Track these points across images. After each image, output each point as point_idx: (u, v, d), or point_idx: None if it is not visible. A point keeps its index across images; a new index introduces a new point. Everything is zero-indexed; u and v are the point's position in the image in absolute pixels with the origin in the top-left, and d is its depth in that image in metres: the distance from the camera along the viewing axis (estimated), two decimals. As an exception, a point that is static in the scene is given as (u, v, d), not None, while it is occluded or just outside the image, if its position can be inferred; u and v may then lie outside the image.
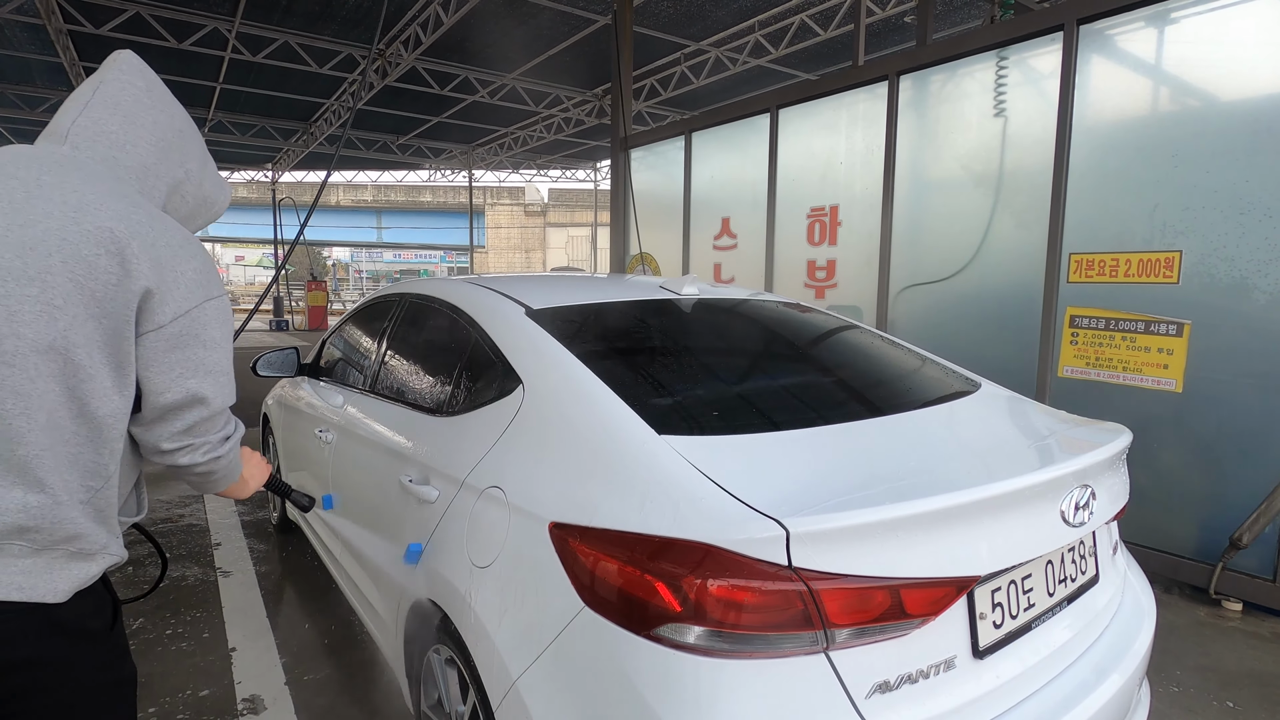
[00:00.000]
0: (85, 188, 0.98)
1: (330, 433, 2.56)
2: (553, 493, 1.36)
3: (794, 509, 1.09)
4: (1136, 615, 1.59)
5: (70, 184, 0.97)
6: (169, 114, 1.16)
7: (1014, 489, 1.20)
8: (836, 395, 1.76)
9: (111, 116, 1.09)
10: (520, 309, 1.87)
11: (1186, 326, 3.01)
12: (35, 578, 0.94)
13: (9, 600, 0.92)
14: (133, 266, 0.97)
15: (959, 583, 1.15)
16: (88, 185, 0.99)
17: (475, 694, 1.44)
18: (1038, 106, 3.54)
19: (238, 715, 2.20)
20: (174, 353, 1.02)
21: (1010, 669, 1.25)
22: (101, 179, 1.02)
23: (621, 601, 1.14)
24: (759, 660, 1.06)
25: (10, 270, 0.91)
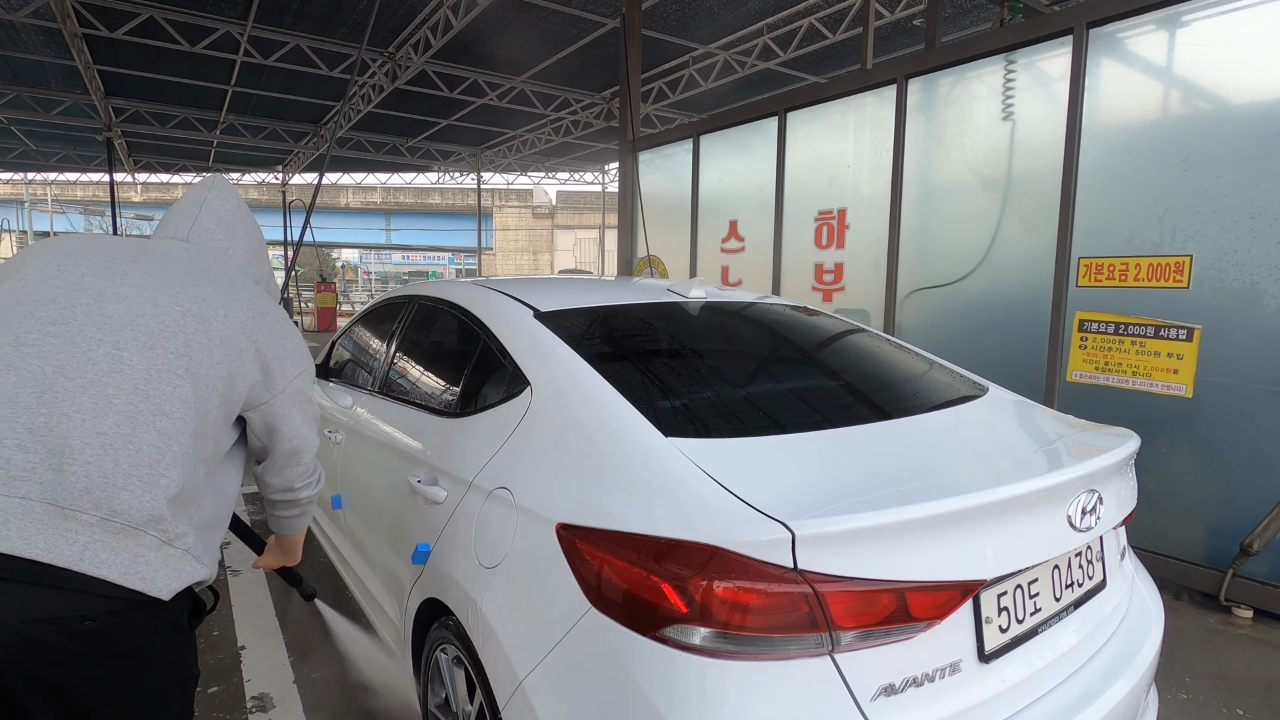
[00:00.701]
0: (226, 274, 1.35)
1: (339, 433, 2.58)
2: (560, 494, 1.37)
3: (799, 511, 1.10)
4: (1144, 621, 1.58)
5: (214, 270, 1.33)
6: (254, 229, 1.55)
7: (1020, 493, 1.20)
8: (843, 398, 1.76)
9: (218, 226, 1.47)
10: (528, 311, 1.88)
11: (1197, 331, 2.99)
12: (157, 572, 1.11)
13: (133, 589, 1.07)
14: (262, 347, 1.32)
15: (965, 586, 1.15)
16: (225, 273, 1.35)
17: (482, 694, 1.45)
18: (1047, 110, 3.53)
19: (247, 713, 2.22)
20: (296, 407, 1.38)
21: (1016, 673, 1.25)
22: (228, 270, 1.38)
23: (628, 602, 1.15)
24: (764, 662, 1.07)
25: (189, 323, 1.23)
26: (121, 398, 1.13)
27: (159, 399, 1.16)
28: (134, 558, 1.09)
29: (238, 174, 21.71)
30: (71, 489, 1.06)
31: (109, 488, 1.08)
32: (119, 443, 1.11)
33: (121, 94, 12.24)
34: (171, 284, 1.25)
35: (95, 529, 1.07)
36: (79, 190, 34.30)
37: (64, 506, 1.05)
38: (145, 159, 18.66)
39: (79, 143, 16.49)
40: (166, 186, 34.47)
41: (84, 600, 1.03)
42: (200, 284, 1.28)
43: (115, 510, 1.08)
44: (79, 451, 1.08)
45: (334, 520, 2.65)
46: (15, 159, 19.28)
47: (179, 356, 1.20)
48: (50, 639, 1.00)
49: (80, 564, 1.04)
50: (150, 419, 1.14)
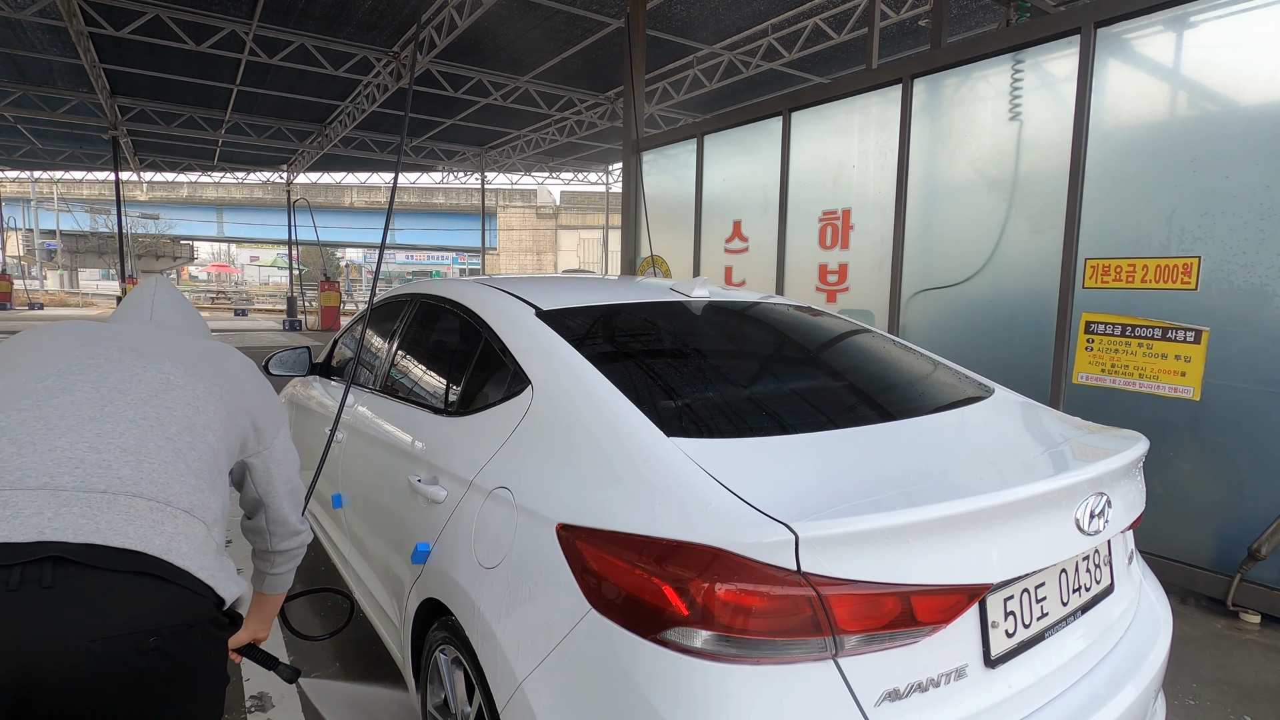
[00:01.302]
0: (204, 343, 1.45)
1: (340, 432, 2.57)
2: (560, 494, 1.35)
3: (803, 513, 1.08)
4: (1152, 626, 1.56)
5: (190, 341, 1.41)
6: (195, 313, 1.62)
7: (1027, 496, 1.19)
8: (847, 399, 1.74)
9: (173, 312, 1.54)
10: (530, 310, 1.86)
11: (1205, 333, 2.97)
12: (219, 574, 1.13)
13: (209, 585, 1.09)
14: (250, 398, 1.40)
15: (971, 590, 1.13)
16: (202, 342, 1.46)
17: (481, 695, 1.44)
18: (1053, 110, 3.50)
19: (246, 712, 2.21)
20: (288, 454, 1.48)
21: (1023, 679, 1.23)
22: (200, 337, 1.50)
23: (628, 604, 1.14)
24: (766, 666, 1.05)
25: (198, 381, 1.29)
26: (179, 410, 1.21)
27: (206, 415, 1.24)
28: (205, 555, 1.11)
29: (242, 173, 21.76)
30: (154, 482, 1.09)
31: (184, 485, 1.12)
32: (185, 449, 1.17)
33: (127, 93, 12.28)
34: (172, 339, 1.37)
35: (178, 521, 1.09)
36: (85, 189, 34.44)
37: (150, 499, 1.07)
38: (151, 158, 18.72)
39: (85, 141, 16.56)
40: (172, 185, 34.61)
41: (171, 594, 1.03)
42: (194, 342, 1.40)
43: (194, 505, 1.13)
44: (152, 453, 1.12)
45: (334, 519, 2.64)
46: (22, 157, 19.37)
47: (214, 384, 1.30)
48: (123, 658, 0.97)
49: (169, 554, 1.05)
50: (203, 432, 1.22)
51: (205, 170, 21.09)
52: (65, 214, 34.70)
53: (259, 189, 34.75)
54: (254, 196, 36.24)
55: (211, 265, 50.38)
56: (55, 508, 1.00)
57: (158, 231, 36.54)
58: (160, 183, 33.15)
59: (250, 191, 35.90)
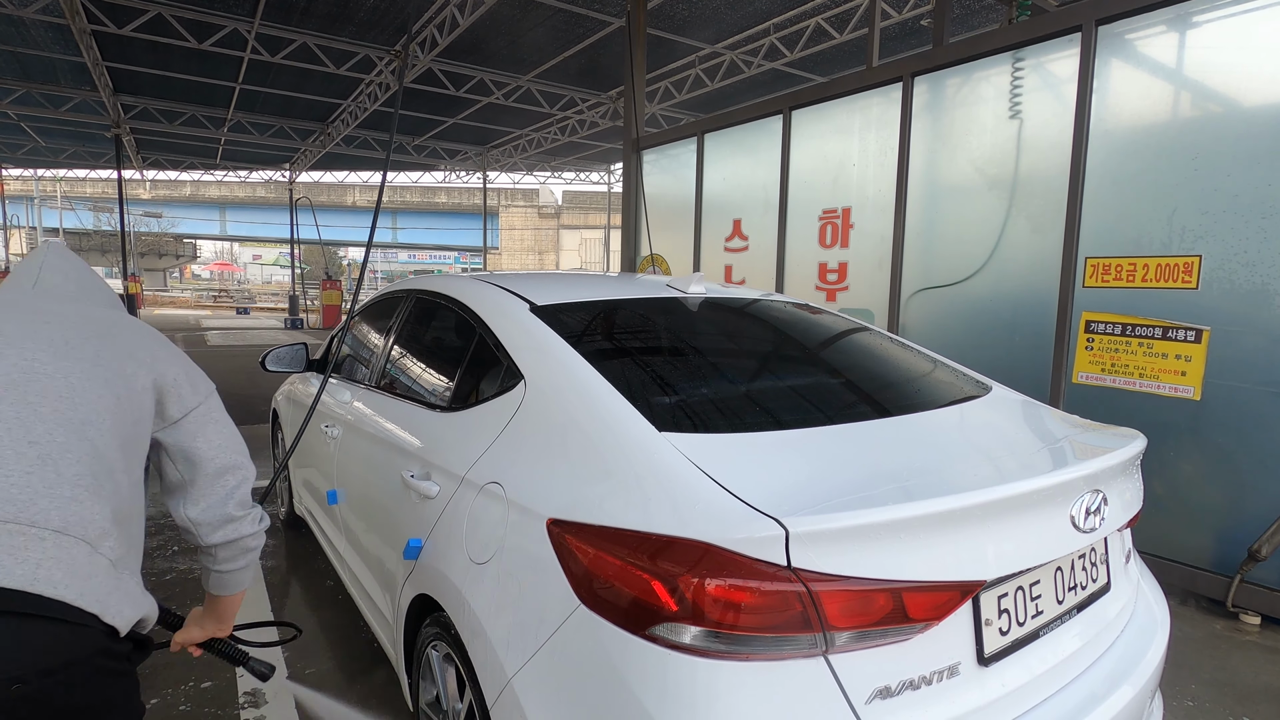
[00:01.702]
0: (98, 307, 1.25)
1: (336, 428, 2.56)
2: (551, 489, 1.34)
3: (794, 508, 1.07)
4: (1149, 625, 1.55)
5: (72, 310, 1.19)
6: (92, 274, 1.41)
7: (1022, 492, 1.17)
8: (842, 395, 1.73)
9: (64, 279, 1.30)
10: (524, 305, 1.85)
11: (1205, 333, 2.95)
12: (111, 596, 0.98)
13: (90, 613, 0.94)
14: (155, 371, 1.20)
15: (964, 587, 1.12)
16: (96, 306, 1.26)
17: (472, 692, 1.43)
18: (1054, 109, 3.49)
19: (239, 708, 2.20)
20: (211, 426, 1.24)
21: (1017, 677, 1.22)
22: (95, 305, 1.28)
23: (617, 600, 1.13)
24: (756, 662, 1.04)
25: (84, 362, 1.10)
26: (47, 404, 1.00)
27: (87, 406, 1.05)
28: (87, 578, 0.95)
29: (245, 171, 21.79)
30: (12, 500, 0.92)
31: (53, 500, 0.95)
32: (56, 453, 0.98)
33: (130, 91, 12.29)
34: (46, 309, 1.16)
35: (46, 545, 0.92)
36: (88, 187, 34.52)
37: (6, 521, 0.91)
38: (153, 156, 18.75)
39: (88, 139, 16.58)
40: (175, 184, 34.68)
41: (38, 632, 0.88)
42: (76, 311, 1.19)
43: (69, 523, 0.95)
44: (10, 462, 0.94)
45: (329, 515, 2.63)
46: (25, 155, 19.40)
47: (95, 363, 1.09)
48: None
49: (34, 584, 0.89)
50: (81, 428, 1.02)
51: (208, 169, 21.11)
52: (68, 212, 34.77)
53: (261, 188, 34.80)
54: (257, 195, 36.30)
55: (214, 264, 50.48)
56: None
57: (161, 230, 36.62)
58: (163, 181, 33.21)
59: (253, 190, 35.96)
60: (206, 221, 38.33)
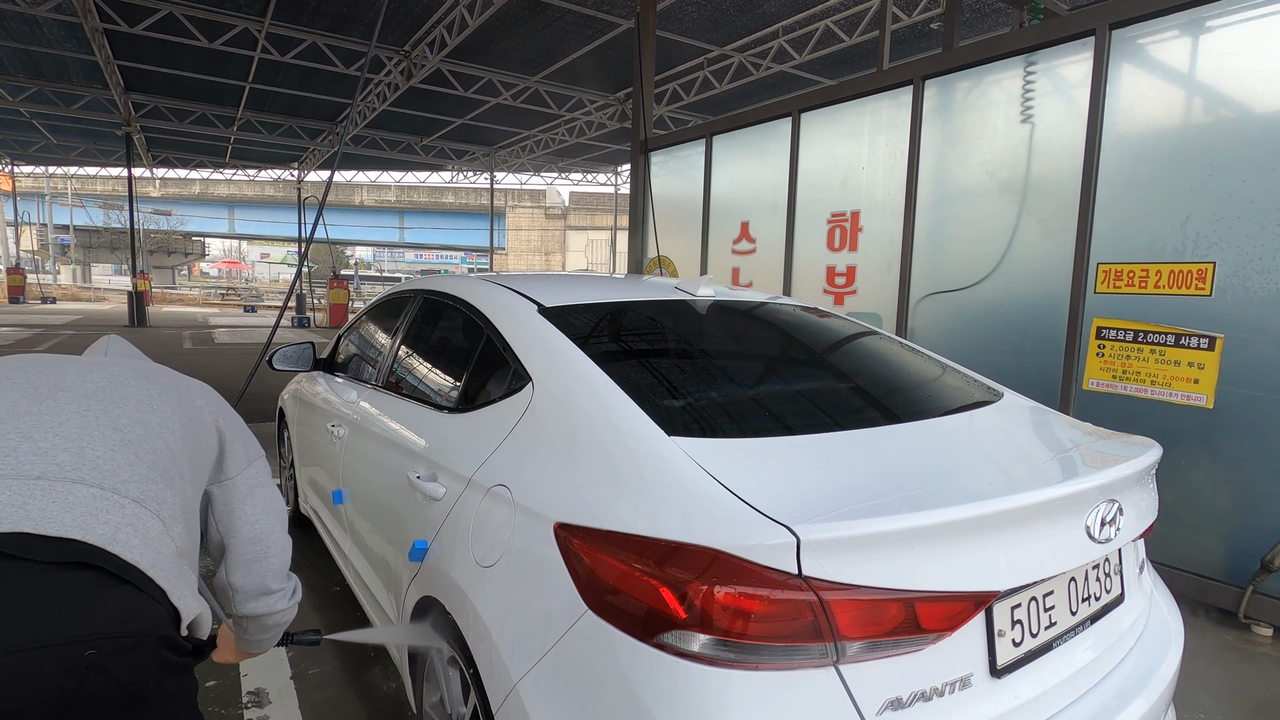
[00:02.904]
0: (161, 367, 1.36)
1: (342, 427, 2.56)
2: (558, 493, 1.33)
3: (805, 516, 1.05)
4: (1163, 637, 1.53)
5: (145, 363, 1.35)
6: (144, 356, 1.50)
7: (1037, 502, 1.16)
8: (853, 401, 1.71)
9: (126, 352, 1.45)
10: (532, 306, 1.84)
11: (1219, 340, 2.92)
12: (175, 581, 0.99)
13: (160, 586, 0.95)
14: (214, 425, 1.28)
15: (977, 598, 1.10)
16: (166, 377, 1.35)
17: (476, 696, 1.42)
18: (1066, 113, 3.46)
19: (243, 707, 2.20)
20: (258, 491, 1.30)
21: (1030, 690, 1.20)
22: None
23: (625, 606, 1.11)
24: (766, 672, 1.03)
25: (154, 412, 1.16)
26: (130, 405, 1.10)
27: (162, 414, 1.14)
28: (159, 553, 0.96)
29: (254, 170, 21.88)
30: (97, 468, 0.97)
31: (133, 474, 1.00)
32: (135, 440, 1.05)
33: (141, 89, 12.37)
34: (129, 361, 1.30)
35: (126, 510, 0.95)
36: (98, 184, 34.74)
37: (92, 485, 0.95)
38: (163, 154, 18.86)
39: (99, 137, 16.69)
40: (184, 182, 34.87)
41: (116, 594, 0.88)
42: (149, 363, 1.34)
43: (146, 496, 1.00)
44: (96, 440, 1.00)
45: (335, 515, 2.63)
46: (37, 153, 19.55)
47: (170, 389, 1.20)
48: (49, 675, 0.79)
49: (114, 544, 0.91)
50: (158, 429, 1.10)
51: (217, 167, 21.22)
52: (79, 209, 35.01)
53: (270, 186, 34.96)
54: (265, 194, 36.47)
55: (222, 262, 50.74)
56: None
57: (170, 228, 36.83)
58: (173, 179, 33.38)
59: (261, 189, 36.13)
60: (215, 219, 38.55)
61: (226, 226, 39.46)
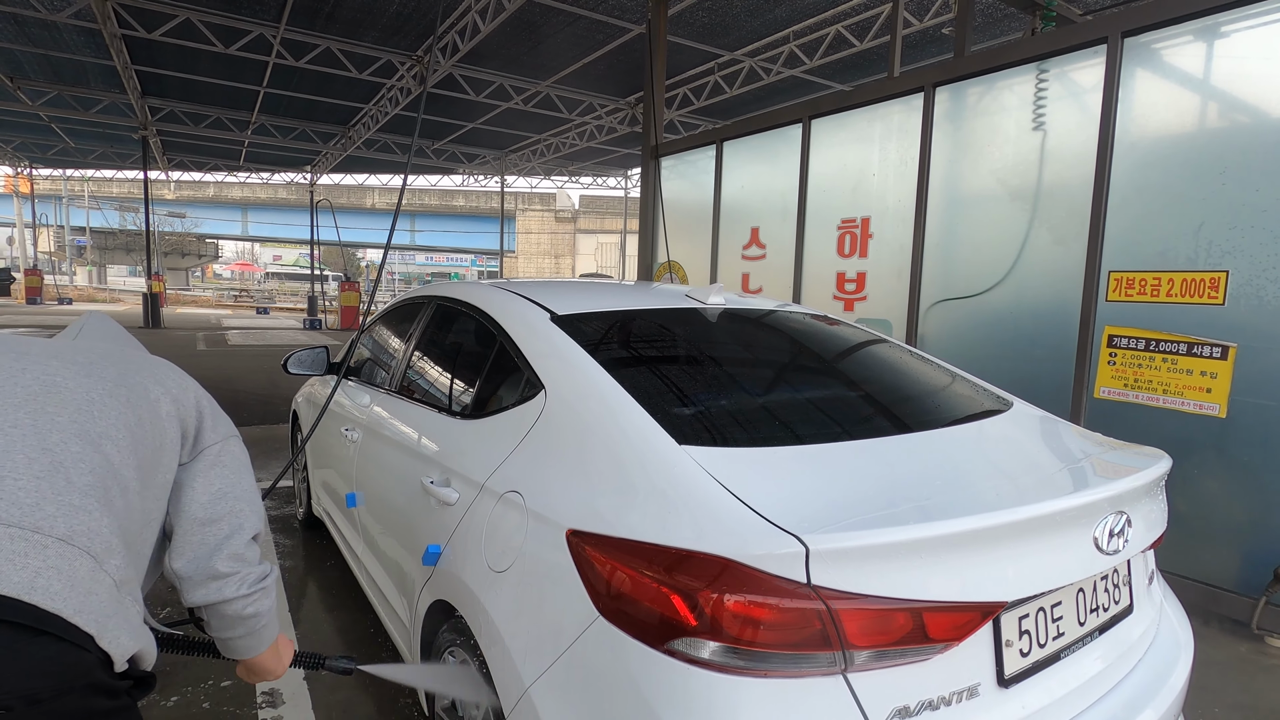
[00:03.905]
0: (117, 349, 1.25)
1: (356, 431, 2.59)
2: (571, 500, 1.35)
3: (815, 525, 1.07)
4: (1173, 648, 1.53)
5: (98, 346, 1.23)
6: (124, 332, 1.42)
7: (1045, 513, 1.16)
8: (863, 410, 1.73)
9: (101, 335, 1.35)
10: (545, 314, 1.87)
11: (1232, 349, 2.90)
12: (110, 620, 0.91)
13: (87, 632, 0.88)
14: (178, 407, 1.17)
15: (984, 608, 1.12)
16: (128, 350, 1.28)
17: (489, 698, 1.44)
18: (1078, 120, 3.46)
19: (257, 707, 2.23)
20: (215, 469, 1.17)
21: (1037, 700, 1.21)
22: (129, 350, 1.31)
23: (636, 613, 1.13)
24: (774, 680, 1.04)
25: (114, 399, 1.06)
26: (64, 415, 0.98)
27: (104, 422, 1.01)
28: (87, 594, 0.88)
29: (267, 173, 22.09)
30: (17, 503, 0.87)
31: (59, 507, 0.90)
32: (68, 461, 0.94)
33: (158, 94, 12.53)
34: (71, 344, 1.18)
35: (48, 552, 0.86)
36: (114, 187, 35.16)
37: (8, 524, 0.85)
38: (178, 157, 19.08)
39: (116, 141, 16.91)
40: (198, 185, 35.24)
41: (32, 648, 0.81)
42: (102, 346, 1.21)
43: (74, 532, 0.89)
44: (20, 466, 0.90)
45: (348, 518, 2.66)
46: (55, 155, 19.83)
47: (117, 385, 1.06)
48: None
49: (32, 593, 0.83)
50: (97, 441, 0.99)
51: (231, 170, 21.44)
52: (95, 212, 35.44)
53: (283, 189, 35.25)
54: (278, 197, 36.78)
55: (235, 264, 51.21)
56: None
57: (184, 230, 37.22)
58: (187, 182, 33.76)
59: (274, 192, 36.45)
60: (228, 222, 38.93)
61: (240, 229, 39.85)
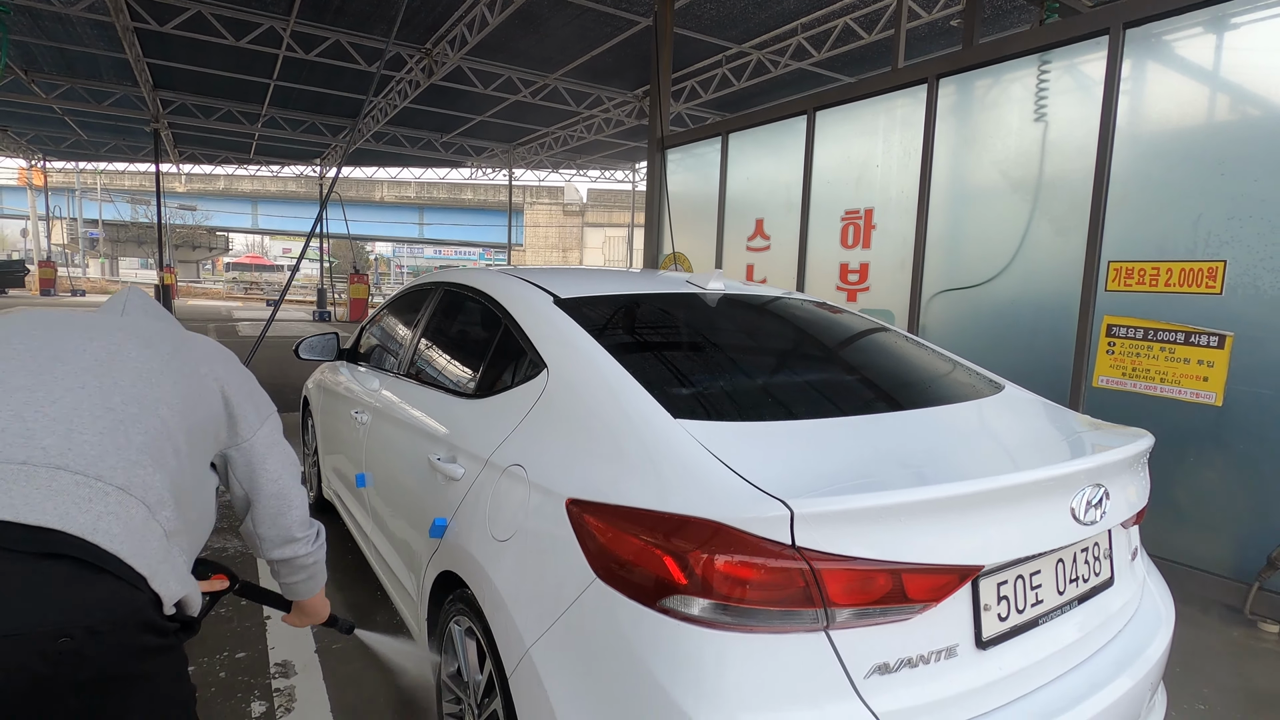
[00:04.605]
0: (172, 328, 1.38)
1: (365, 414, 2.66)
2: (571, 471, 1.41)
3: (799, 491, 1.12)
4: (1154, 621, 1.58)
5: (154, 324, 1.35)
6: (165, 311, 1.51)
7: (1021, 483, 1.22)
8: (853, 389, 1.78)
9: (144, 312, 1.41)
10: (548, 298, 1.93)
11: (1229, 339, 2.93)
12: (160, 565, 1.00)
13: (140, 573, 0.96)
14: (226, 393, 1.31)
15: (962, 571, 1.17)
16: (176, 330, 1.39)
17: (491, 662, 1.50)
18: (1080, 112, 3.48)
19: (270, 677, 2.31)
20: (274, 451, 1.36)
21: (1014, 662, 1.26)
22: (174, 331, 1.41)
23: (630, 574, 1.19)
24: (760, 635, 1.10)
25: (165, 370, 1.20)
26: (125, 380, 1.10)
27: (160, 389, 1.13)
28: (141, 539, 0.98)
29: (277, 166, 22.23)
30: (84, 455, 0.97)
31: (121, 459, 1.00)
32: (128, 420, 1.05)
33: (169, 86, 12.63)
34: (132, 321, 1.30)
35: (110, 498, 0.96)
36: (126, 180, 35.42)
37: (77, 471, 0.95)
38: (189, 150, 19.22)
39: (128, 133, 17.05)
40: (209, 178, 35.44)
41: (93, 583, 0.90)
42: (158, 325, 1.33)
43: (132, 483, 1.00)
44: (86, 423, 1.00)
45: (357, 498, 2.74)
46: (68, 149, 20.01)
47: (172, 358, 1.20)
48: (23, 663, 0.82)
49: (94, 534, 0.92)
50: (154, 405, 1.10)
51: (241, 163, 21.59)
52: (107, 204, 35.73)
53: (293, 182, 35.42)
54: (287, 189, 36.96)
55: (245, 256, 51.51)
56: None
57: (195, 222, 37.49)
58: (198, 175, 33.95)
59: (284, 185, 36.62)
60: (239, 215, 39.17)
61: (250, 222, 40.09)
